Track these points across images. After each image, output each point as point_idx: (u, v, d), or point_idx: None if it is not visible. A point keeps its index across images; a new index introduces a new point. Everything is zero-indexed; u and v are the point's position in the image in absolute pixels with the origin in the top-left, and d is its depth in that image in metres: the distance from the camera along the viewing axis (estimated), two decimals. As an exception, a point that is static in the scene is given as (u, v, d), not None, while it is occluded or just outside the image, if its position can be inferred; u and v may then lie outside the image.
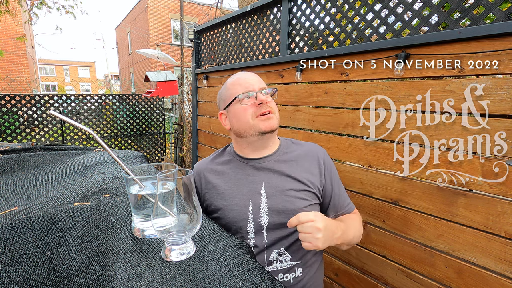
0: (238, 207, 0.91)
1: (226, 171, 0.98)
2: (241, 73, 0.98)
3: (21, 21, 9.81)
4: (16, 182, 0.93)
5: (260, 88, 0.92)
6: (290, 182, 0.92)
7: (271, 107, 0.92)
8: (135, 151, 1.21)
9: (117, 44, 21.55)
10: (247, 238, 0.90)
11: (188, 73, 5.19)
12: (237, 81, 0.94)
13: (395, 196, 1.25)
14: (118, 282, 0.47)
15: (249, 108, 0.91)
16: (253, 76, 0.95)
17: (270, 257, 0.89)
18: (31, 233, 0.58)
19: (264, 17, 1.96)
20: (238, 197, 0.92)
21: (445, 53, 1.07)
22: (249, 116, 0.91)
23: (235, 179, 0.95)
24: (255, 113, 0.90)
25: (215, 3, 4.74)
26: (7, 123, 4.07)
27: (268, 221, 0.89)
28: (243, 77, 0.94)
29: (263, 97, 0.90)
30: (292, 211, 0.89)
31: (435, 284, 1.14)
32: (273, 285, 0.47)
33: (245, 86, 0.92)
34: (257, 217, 0.90)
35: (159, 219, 0.54)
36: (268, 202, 0.90)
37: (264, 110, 0.90)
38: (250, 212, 0.91)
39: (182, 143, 5.26)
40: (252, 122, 0.91)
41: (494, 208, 0.97)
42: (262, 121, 0.90)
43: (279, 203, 0.90)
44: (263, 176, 0.94)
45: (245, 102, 0.91)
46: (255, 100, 0.90)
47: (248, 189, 0.92)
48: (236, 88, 0.93)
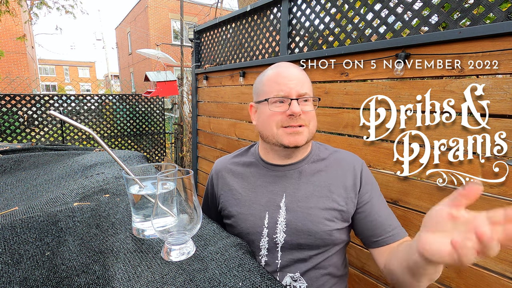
0: (252, 218, 0.81)
1: (246, 175, 0.88)
2: (285, 65, 0.82)
3: (21, 21, 9.82)
4: (16, 182, 0.93)
5: (299, 94, 0.77)
6: (316, 197, 0.80)
7: (304, 120, 0.78)
8: (135, 151, 1.21)
9: (117, 44, 21.55)
10: (258, 254, 0.80)
11: (188, 73, 5.19)
12: (276, 77, 0.80)
13: (395, 196, 1.25)
14: (118, 282, 0.47)
15: (277, 115, 0.78)
16: (296, 75, 0.79)
17: (283, 281, 0.78)
18: (31, 233, 0.58)
19: (264, 17, 1.96)
20: (254, 207, 0.82)
21: (445, 53, 1.07)
22: (273, 124, 0.79)
23: (255, 185, 0.85)
24: (282, 122, 0.78)
25: (215, 3, 4.74)
26: (7, 123, 4.07)
27: (284, 239, 0.78)
28: (284, 74, 0.79)
29: (297, 109, 0.75)
30: (313, 233, 0.77)
31: (435, 284, 1.14)
32: (273, 285, 0.47)
33: (280, 88, 0.78)
34: (272, 232, 0.79)
35: (159, 219, 0.54)
36: (287, 217, 0.79)
37: (293, 124, 0.77)
38: (265, 226, 0.80)
39: (182, 143, 5.26)
40: (276, 132, 0.79)
41: (494, 208, 0.97)
42: (287, 134, 0.78)
43: (300, 221, 0.78)
44: (285, 186, 0.82)
45: (275, 107, 0.79)
46: (286, 108, 0.77)
47: (267, 199, 0.82)
48: (272, 86, 0.80)
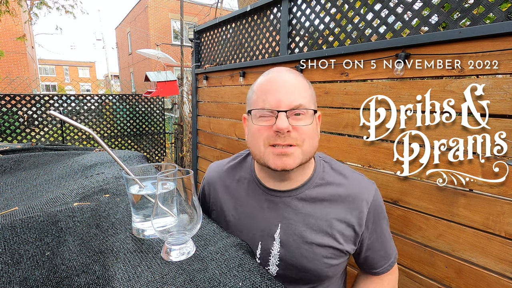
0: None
1: (240, 194, 0.79)
2: (278, 70, 0.70)
3: (21, 21, 9.82)
4: (16, 182, 0.93)
5: (290, 106, 0.64)
6: (314, 232, 0.71)
7: (295, 139, 0.65)
8: (135, 151, 1.21)
9: (117, 44, 21.55)
10: None
11: (188, 73, 5.19)
12: (266, 83, 0.69)
13: (395, 196, 1.25)
14: (118, 282, 0.47)
15: (263, 130, 0.66)
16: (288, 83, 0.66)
17: None
18: (31, 233, 0.58)
19: (264, 17, 1.96)
20: (247, 233, 0.75)
21: (445, 53, 1.07)
22: (260, 140, 0.67)
23: (248, 210, 0.77)
24: (269, 140, 0.66)
25: (215, 3, 4.74)
26: (7, 123, 4.06)
27: (277, 272, 0.73)
28: (274, 81, 0.67)
29: (282, 124, 0.63)
30: (308, 270, 0.71)
31: (435, 284, 1.14)
32: (273, 285, 0.47)
33: (266, 98, 0.66)
34: (264, 264, 0.74)
35: (159, 219, 0.54)
36: (281, 251, 0.72)
37: (280, 142, 0.65)
38: (258, 256, 0.74)
39: (182, 143, 5.26)
40: (263, 151, 0.68)
41: (494, 208, 0.97)
42: (274, 155, 0.66)
43: (294, 256, 0.71)
44: (281, 215, 0.73)
45: (260, 120, 0.67)
46: (273, 123, 0.65)
47: (261, 228, 0.75)
48: (259, 95, 0.68)
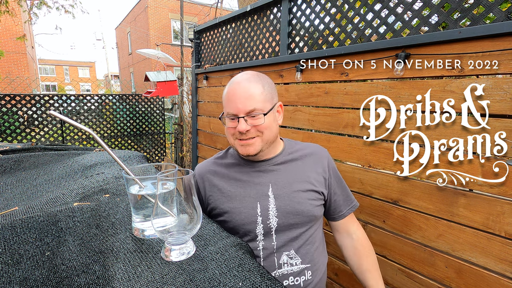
0: (246, 210, 0.90)
1: (231, 174, 0.96)
2: (237, 82, 0.89)
3: (21, 21, 9.82)
4: (16, 182, 0.93)
5: (246, 112, 0.85)
6: (297, 182, 0.92)
7: (254, 133, 0.87)
8: (135, 151, 1.21)
9: (117, 44, 21.55)
10: (255, 240, 0.89)
11: (188, 73, 5.19)
12: (228, 94, 0.89)
13: (395, 196, 1.25)
14: (118, 282, 0.47)
15: (231, 129, 0.89)
16: (244, 92, 0.86)
17: (281, 260, 0.88)
18: (31, 233, 0.58)
19: (264, 17, 1.96)
20: (246, 200, 0.91)
21: (445, 53, 1.07)
22: (230, 136, 0.91)
23: (242, 182, 0.94)
24: (236, 136, 0.89)
25: (215, 3, 4.74)
26: (7, 123, 4.06)
27: (277, 222, 0.89)
28: (233, 93, 0.88)
29: (242, 127, 0.85)
30: (301, 212, 0.89)
31: (435, 284, 1.14)
32: (273, 285, 0.47)
33: (230, 106, 0.87)
34: (266, 219, 0.89)
35: (159, 219, 0.54)
36: (276, 203, 0.89)
37: (243, 137, 0.88)
38: (259, 214, 0.89)
39: (182, 143, 5.26)
40: (233, 142, 0.91)
41: (494, 208, 0.97)
42: (240, 145, 0.89)
43: (288, 204, 0.89)
44: (269, 178, 0.93)
45: (229, 122, 0.90)
46: (236, 124, 0.87)
47: (256, 191, 0.91)
48: (225, 103, 0.90)
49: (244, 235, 0.90)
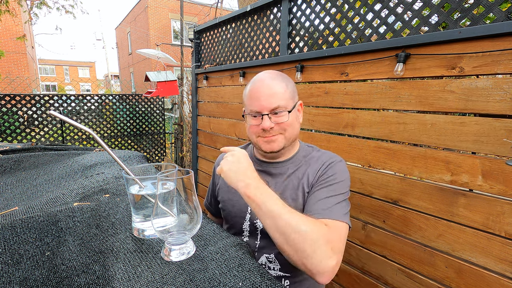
0: (238, 204, 0.95)
1: None
2: (260, 79, 0.89)
3: (21, 21, 9.82)
4: (16, 182, 0.93)
5: (270, 109, 0.85)
6: (290, 189, 0.91)
7: (277, 131, 0.87)
8: (135, 151, 1.21)
9: (117, 44, 21.55)
10: (241, 235, 0.94)
11: (188, 73, 5.19)
12: (251, 92, 0.89)
13: (395, 196, 1.25)
14: (118, 282, 0.47)
15: (254, 127, 0.89)
16: (268, 90, 0.86)
17: (259, 260, 0.90)
18: (31, 233, 0.58)
19: (264, 17, 1.96)
20: None
21: (445, 53, 1.07)
22: (253, 134, 0.91)
23: None
24: (259, 133, 0.89)
25: (215, 3, 4.74)
26: (7, 123, 4.06)
27: None
28: (256, 90, 0.87)
29: (266, 125, 0.85)
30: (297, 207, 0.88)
31: (435, 284, 1.14)
32: (273, 285, 0.47)
33: (253, 104, 0.87)
34: (254, 218, 0.92)
35: (159, 219, 0.54)
36: None
37: (267, 135, 0.88)
38: (249, 212, 0.93)
39: (182, 143, 5.26)
40: (256, 140, 0.91)
41: (494, 208, 0.97)
42: (264, 142, 0.89)
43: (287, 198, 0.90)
44: (269, 181, 0.94)
45: (251, 120, 0.89)
46: (260, 122, 0.86)
47: None
48: (248, 101, 0.90)
49: (232, 227, 0.96)
